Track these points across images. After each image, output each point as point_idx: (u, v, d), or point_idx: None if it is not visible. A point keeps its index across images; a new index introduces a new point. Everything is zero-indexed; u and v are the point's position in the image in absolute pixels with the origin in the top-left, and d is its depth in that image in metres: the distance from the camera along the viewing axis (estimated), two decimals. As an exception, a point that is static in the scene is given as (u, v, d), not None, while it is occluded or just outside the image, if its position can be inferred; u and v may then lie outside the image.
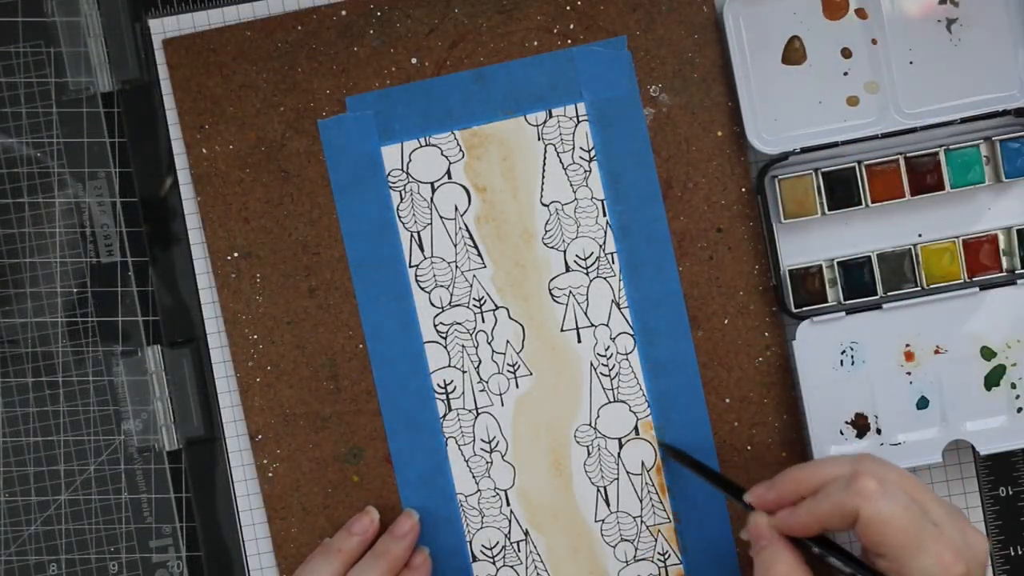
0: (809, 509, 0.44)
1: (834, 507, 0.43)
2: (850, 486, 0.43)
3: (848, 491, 0.43)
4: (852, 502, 0.42)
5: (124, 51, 0.55)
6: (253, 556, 0.55)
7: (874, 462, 0.44)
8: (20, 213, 0.55)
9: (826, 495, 0.44)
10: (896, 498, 0.42)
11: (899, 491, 0.43)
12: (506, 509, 0.55)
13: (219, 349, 0.55)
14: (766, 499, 0.46)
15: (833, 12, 0.54)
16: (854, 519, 0.42)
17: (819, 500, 0.44)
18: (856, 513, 0.42)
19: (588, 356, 0.55)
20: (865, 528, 0.42)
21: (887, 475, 0.43)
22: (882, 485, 0.42)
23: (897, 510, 0.42)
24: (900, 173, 0.53)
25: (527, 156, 0.54)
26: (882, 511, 0.42)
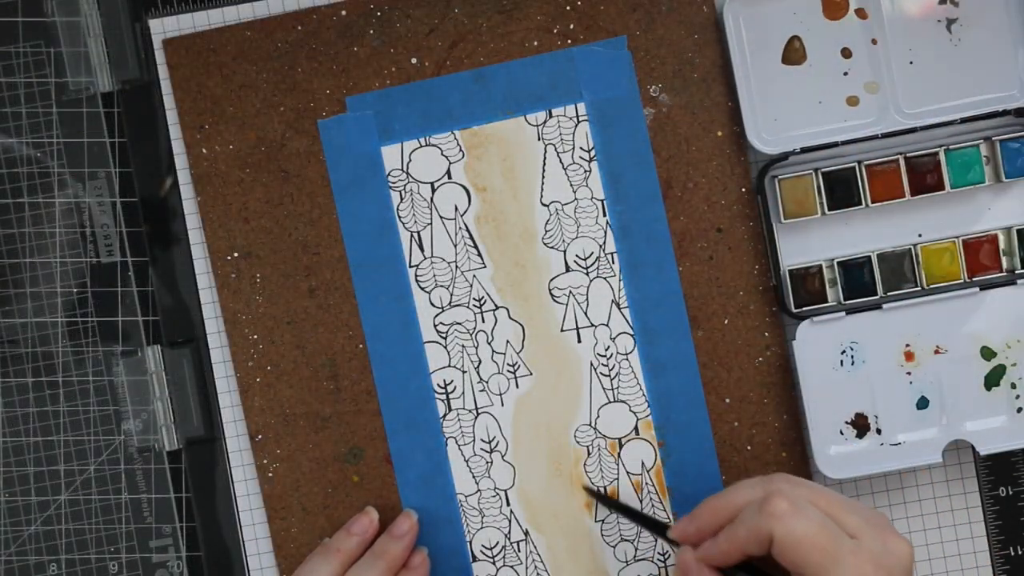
0: (727, 537, 0.44)
1: (749, 532, 0.43)
2: (762, 509, 0.42)
3: (761, 514, 0.42)
4: (766, 525, 0.42)
5: (124, 51, 0.55)
6: (253, 556, 0.55)
7: (785, 481, 0.44)
8: (20, 213, 0.55)
9: (741, 521, 0.43)
10: (809, 515, 0.42)
11: (811, 508, 0.42)
12: (506, 509, 0.55)
13: (219, 349, 0.55)
14: (687, 532, 0.46)
15: (833, 12, 0.54)
16: (770, 541, 0.42)
17: (735, 527, 0.44)
18: (771, 535, 0.42)
19: (588, 356, 0.55)
20: (781, 549, 0.42)
21: (798, 493, 0.43)
22: (793, 504, 0.42)
23: (811, 528, 0.42)
24: (900, 173, 0.53)
25: (527, 156, 0.54)
26: (795, 530, 0.42)
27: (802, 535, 0.41)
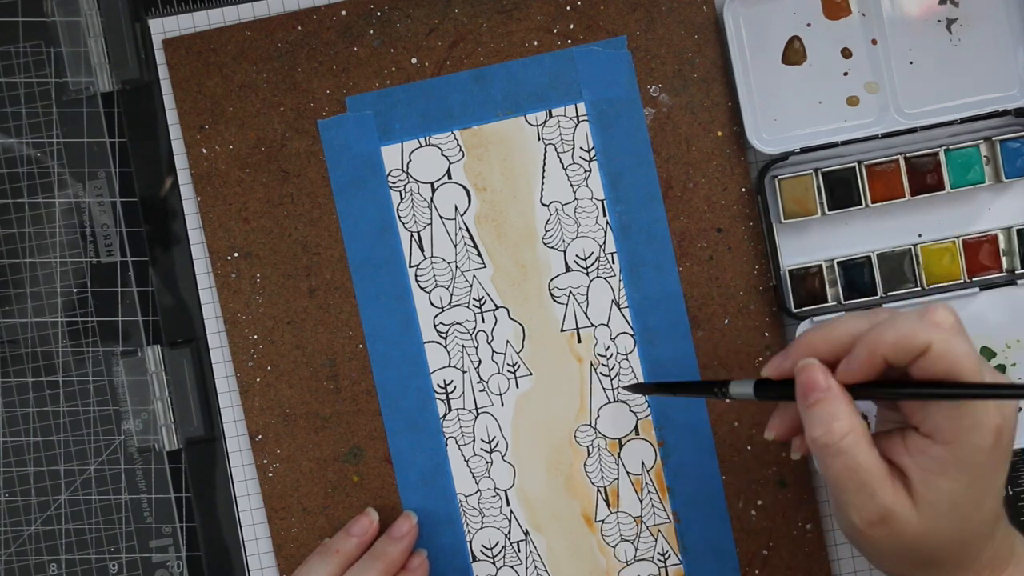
0: (867, 344, 0.40)
1: (902, 337, 0.39)
2: (924, 318, 0.40)
3: (923, 322, 0.40)
4: (926, 334, 0.39)
5: (124, 51, 0.55)
6: (253, 556, 0.55)
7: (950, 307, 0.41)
8: (20, 213, 0.55)
9: (891, 325, 0.40)
10: (967, 337, 0.40)
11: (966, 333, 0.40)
12: (506, 509, 0.55)
13: (219, 349, 0.55)
14: (783, 369, 0.43)
15: (833, 12, 0.54)
16: (920, 352, 0.39)
17: (882, 331, 0.40)
18: (927, 346, 0.39)
19: (588, 356, 0.55)
20: (936, 362, 0.39)
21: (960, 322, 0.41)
22: (959, 323, 0.40)
23: (969, 349, 0.39)
24: (900, 173, 0.53)
25: (527, 156, 0.54)
26: (957, 347, 0.39)
27: (963, 353, 0.39)
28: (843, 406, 0.41)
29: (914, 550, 0.42)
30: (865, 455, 0.41)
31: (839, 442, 0.41)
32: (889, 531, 0.41)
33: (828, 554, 0.54)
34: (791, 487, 0.54)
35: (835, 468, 0.41)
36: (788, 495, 0.54)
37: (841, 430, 0.41)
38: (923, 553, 0.42)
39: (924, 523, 0.41)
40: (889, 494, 0.41)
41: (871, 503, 0.41)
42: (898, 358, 0.40)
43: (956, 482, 0.40)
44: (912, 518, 0.41)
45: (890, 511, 0.41)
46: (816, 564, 0.54)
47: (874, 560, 0.44)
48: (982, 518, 0.42)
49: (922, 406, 0.41)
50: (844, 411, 0.41)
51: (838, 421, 0.41)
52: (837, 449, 0.41)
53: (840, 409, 0.41)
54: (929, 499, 0.41)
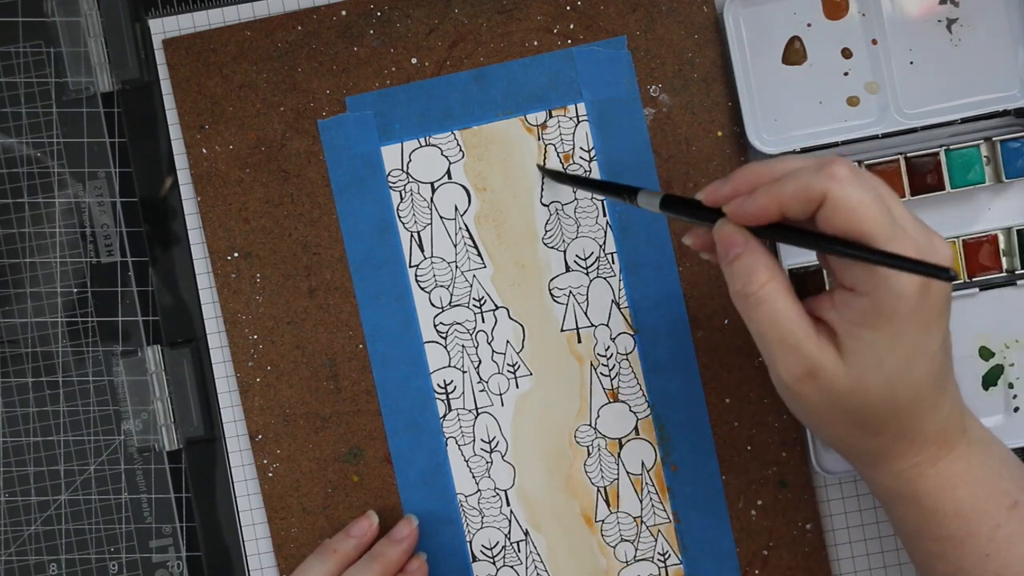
0: (769, 191, 0.41)
1: (799, 188, 0.40)
2: (821, 169, 0.40)
3: (818, 174, 0.40)
4: (821, 184, 0.39)
5: (124, 51, 0.55)
6: (253, 556, 0.55)
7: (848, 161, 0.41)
8: (20, 213, 0.55)
9: (792, 178, 0.40)
10: (867, 187, 0.40)
11: (870, 183, 0.40)
12: (506, 509, 0.55)
13: (219, 349, 0.55)
14: (720, 194, 0.43)
15: (833, 12, 0.54)
16: (818, 202, 0.40)
17: (782, 183, 0.40)
18: (823, 195, 0.39)
19: (588, 356, 0.55)
20: (832, 213, 0.39)
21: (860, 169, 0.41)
22: (854, 172, 0.40)
23: (867, 198, 0.39)
24: (900, 173, 0.53)
25: (527, 156, 0.54)
26: (852, 195, 0.39)
27: (858, 201, 0.39)
28: (762, 258, 0.41)
29: (845, 409, 0.42)
30: (786, 305, 0.41)
31: (759, 291, 0.41)
32: (816, 384, 0.41)
33: (828, 554, 0.54)
34: (791, 487, 0.54)
35: (757, 319, 0.42)
36: (788, 495, 0.54)
37: (760, 280, 0.41)
38: (855, 413, 0.42)
39: (851, 376, 0.41)
40: (813, 345, 0.41)
41: (795, 355, 0.41)
42: (796, 210, 0.40)
43: (880, 332, 0.40)
44: (838, 370, 0.41)
45: (815, 362, 0.41)
46: (816, 564, 0.54)
47: (810, 423, 0.44)
48: (915, 380, 0.41)
49: (841, 261, 0.41)
50: (763, 263, 0.41)
51: (757, 272, 0.41)
52: (758, 299, 0.41)
53: (759, 261, 0.41)
54: (854, 349, 0.41)
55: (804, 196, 0.40)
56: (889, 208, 0.40)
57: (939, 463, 0.44)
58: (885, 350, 0.40)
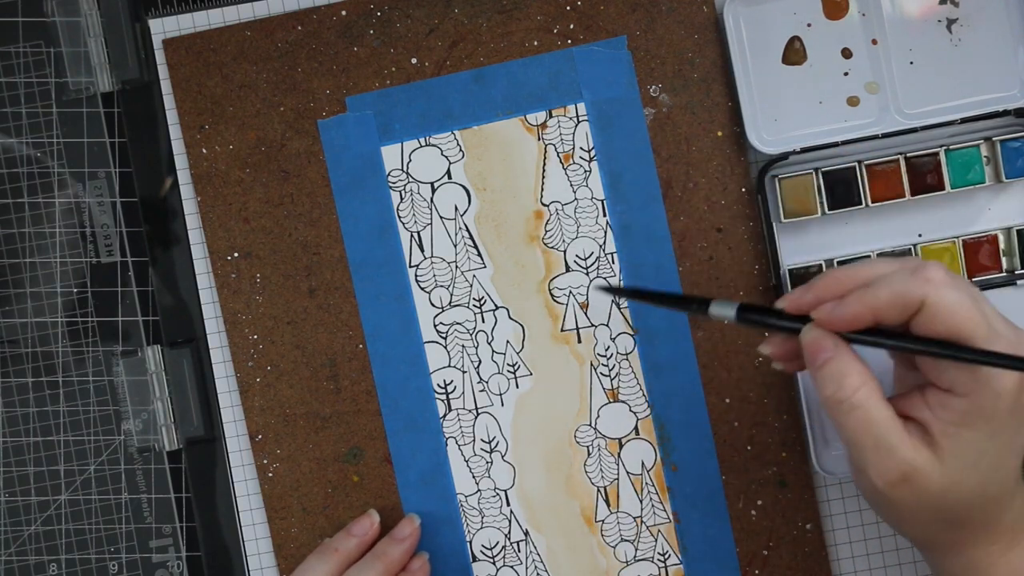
0: (862, 297, 0.40)
1: (895, 295, 0.40)
2: (916, 273, 0.40)
3: (914, 278, 0.39)
4: (919, 289, 0.39)
5: (124, 51, 0.55)
6: (253, 556, 0.55)
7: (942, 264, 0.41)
8: (20, 213, 0.55)
9: (885, 283, 0.40)
10: (964, 290, 0.40)
11: (966, 286, 0.40)
12: (506, 509, 0.55)
13: (219, 349, 0.55)
14: (803, 302, 0.42)
15: (833, 12, 0.54)
16: (915, 309, 0.39)
17: (876, 289, 0.40)
18: (920, 301, 0.39)
19: (588, 356, 0.55)
20: (931, 318, 0.39)
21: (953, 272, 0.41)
22: (950, 275, 0.40)
23: (966, 300, 0.39)
24: (900, 173, 0.53)
25: (527, 156, 0.54)
26: (950, 299, 0.39)
27: (957, 304, 0.39)
28: (854, 363, 0.41)
29: (938, 508, 0.41)
30: (880, 409, 0.41)
31: (852, 396, 0.41)
32: (912, 488, 0.41)
33: (828, 554, 0.54)
34: (791, 487, 0.54)
35: (851, 424, 0.41)
36: (788, 495, 0.54)
37: (853, 384, 0.41)
38: (947, 511, 0.42)
39: (947, 476, 0.41)
40: (909, 448, 0.41)
41: (890, 459, 0.41)
42: (892, 316, 0.40)
43: (979, 432, 0.40)
44: (935, 472, 0.41)
45: (911, 466, 0.41)
46: (816, 564, 0.54)
47: (898, 525, 0.44)
48: (1005, 474, 0.41)
49: (936, 362, 0.41)
50: (855, 368, 0.41)
51: (849, 377, 0.41)
52: (851, 404, 0.41)
53: (851, 366, 0.41)
54: (953, 451, 0.40)
55: (901, 303, 0.40)
56: (987, 314, 0.40)
57: (1011, 552, 0.44)
58: (982, 449, 0.40)
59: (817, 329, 0.42)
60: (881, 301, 0.40)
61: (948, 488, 0.41)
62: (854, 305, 0.41)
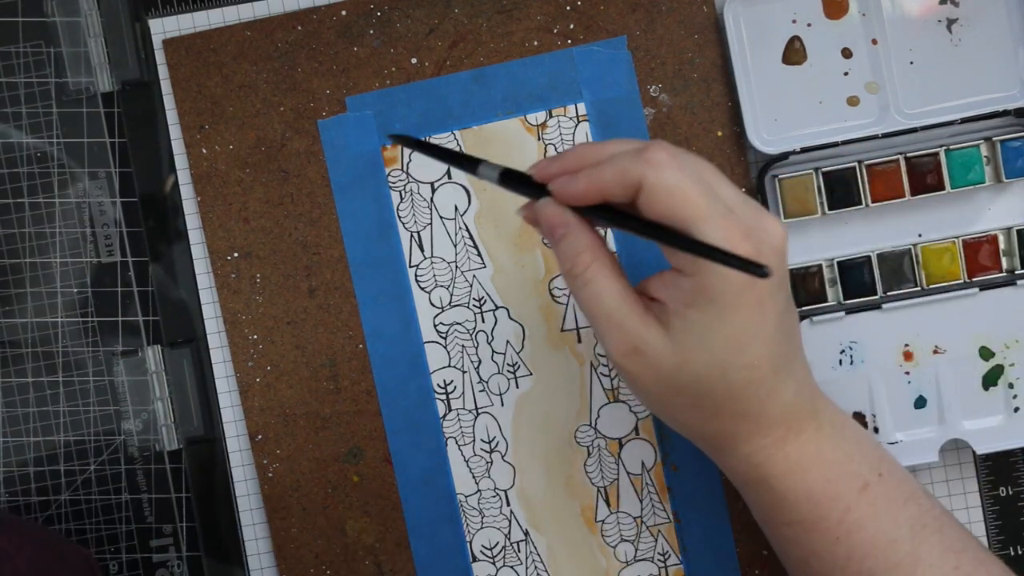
0: (589, 175, 0.41)
1: (617, 173, 0.40)
2: (639, 155, 0.40)
3: (636, 159, 0.40)
4: (637, 170, 0.40)
5: (124, 51, 0.55)
6: (253, 556, 0.55)
7: (668, 144, 0.41)
8: (20, 213, 0.55)
9: (611, 162, 0.41)
10: (686, 170, 0.40)
11: (691, 166, 0.40)
12: (506, 509, 0.55)
13: (219, 349, 0.55)
14: (548, 172, 0.43)
15: (833, 12, 0.54)
16: (636, 189, 0.40)
17: (602, 167, 0.41)
18: (640, 181, 0.40)
19: (588, 356, 0.55)
20: (649, 197, 0.40)
21: (681, 153, 0.41)
22: (673, 157, 0.40)
23: (685, 181, 0.39)
24: (900, 173, 0.53)
25: (527, 156, 0.54)
26: (667, 179, 0.39)
27: (674, 185, 0.39)
28: (585, 238, 0.42)
29: (675, 387, 0.42)
30: (609, 284, 0.42)
31: (584, 272, 0.42)
32: (643, 361, 0.42)
33: (828, 554, 0.54)
34: (791, 487, 0.54)
35: (584, 298, 0.43)
36: (788, 495, 0.54)
37: (584, 261, 0.42)
38: (686, 392, 0.42)
39: (677, 354, 0.41)
40: (637, 323, 0.42)
41: (620, 332, 0.42)
42: (617, 195, 0.41)
43: (706, 313, 0.40)
44: (665, 348, 0.41)
45: (641, 338, 0.42)
46: None
47: (646, 402, 0.45)
48: (748, 361, 0.41)
49: None
50: (587, 243, 0.42)
51: (582, 254, 0.42)
52: (583, 279, 0.42)
53: (583, 242, 0.42)
54: (680, 328, 0.41)
55: (621, 181, 0.40)
56: (714, 190, 0.40)
57: (787, 446, 0.44)
58: (712, 331, 0.41)
59: (552, 204, 0.43)
60: (606, 180, 0.41)
61: (680, 366, 0.41)
62: (583, 181, 0.41)
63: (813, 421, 0.44)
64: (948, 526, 0.45)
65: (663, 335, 0.42)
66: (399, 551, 0.55)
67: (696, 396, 0.42)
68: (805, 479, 0.44)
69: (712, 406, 0.43)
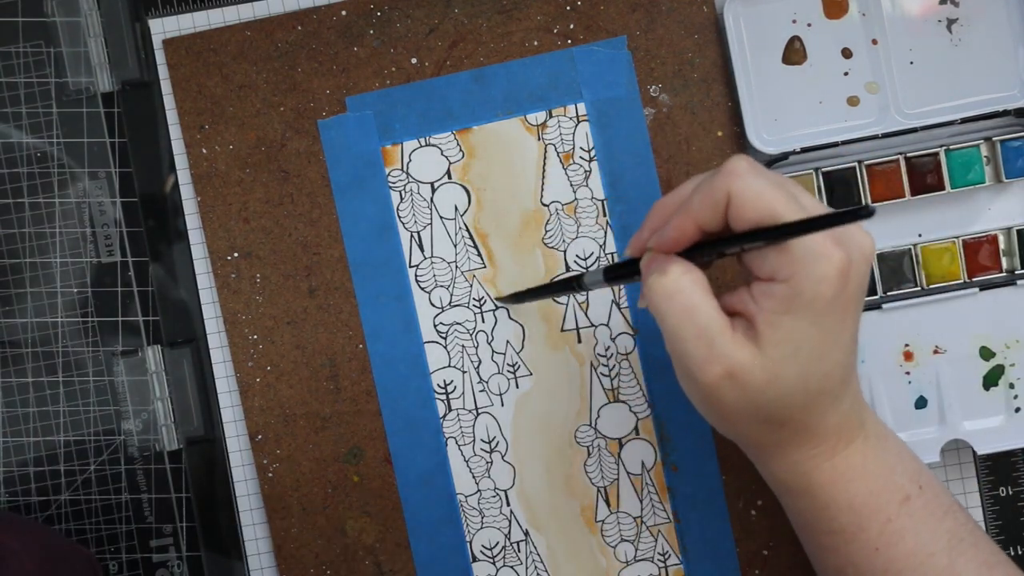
0: (681, 211, 0.41)
1: (704, 197, 0.40)
2: (720, 170, 0.40)
3: (717, 176, 0.40)
4: (723, 184, 0.40)
5: (124, 51, 0.55)
6: (253, 556, 0.55)
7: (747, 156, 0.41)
8: (21, 213, 0.55)
9: (696, 192, 0.41)
10: (769, 177, 0.40)
11: (772, 176, 0.40)
12: (506, 509, 0.55)
13: (219, 349, 0.55)
14: (641, 241, 0.44)
15: (833, 12, 0.54)
16: (725, 203, 0.40)
17: (690, 199, 0.41)
18: (727, 194, 0.39)
19: (588, 356, 0.55)
20: (739, 207, 0.39)
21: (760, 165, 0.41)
22: (753, 165, 0.40)
23: (768, 185, 0.39)
24: (900, 173, 0.53)
25: (527, 156, 0.54)
26: (753, 184, 0.39)
27: (761, 188, 0.39)
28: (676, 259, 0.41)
29: (759, 405, 0.41)
30: (702, 297, 0.40)
31: (676, 280, 0.41)
32: (734, 383, 0.41)
33: (828, 554, 0.54)
34: (791, 487, 0.54)
35: (673, 311, 0.41)
36: (788, 495, 0.54)
37: (675, 272, 0.40)
38: (769, 407, 0.41)
39: (768, 369, 0.40)
40: (729, 341, 0.40)
41: (710, 350, 0.40)
42: (709, 218, 0.40)
43: (800, 318, 0.40)
44: (755, 365, 0.40)
45: (733, 359, 0.40)
46: None
47: (720, 423, 0.44)
48: (827, 370, 0.41)
49: (756, 255, 0.40)
50: (676, 260, 0.41)
51: (672, 265, 0.41)
52: (675, 288, 0.40)
53: (674, 260, 0.41)
54: (772, 339, 0.40)
55: (711, 202, 0.40)
56: (794, 195, 0.40)
57: (836, 457, 0.44)
58: (803, 337, 0.40)
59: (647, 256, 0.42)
60: (696, 208, 0.40)
61: (770, 381, 0.40)
62: (675, 221, 0.41)
63: (861, 432, 0.44)
64: (982, 540, 0.45)
65: (754, 351, 0.40)
66: (399, 551, 0.55)
67: (773, 409, 0.42)
68: (848, 489, 0.44)
69: (782, 418, 0.42)
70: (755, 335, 0.40)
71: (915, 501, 0.44)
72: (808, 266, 0.39)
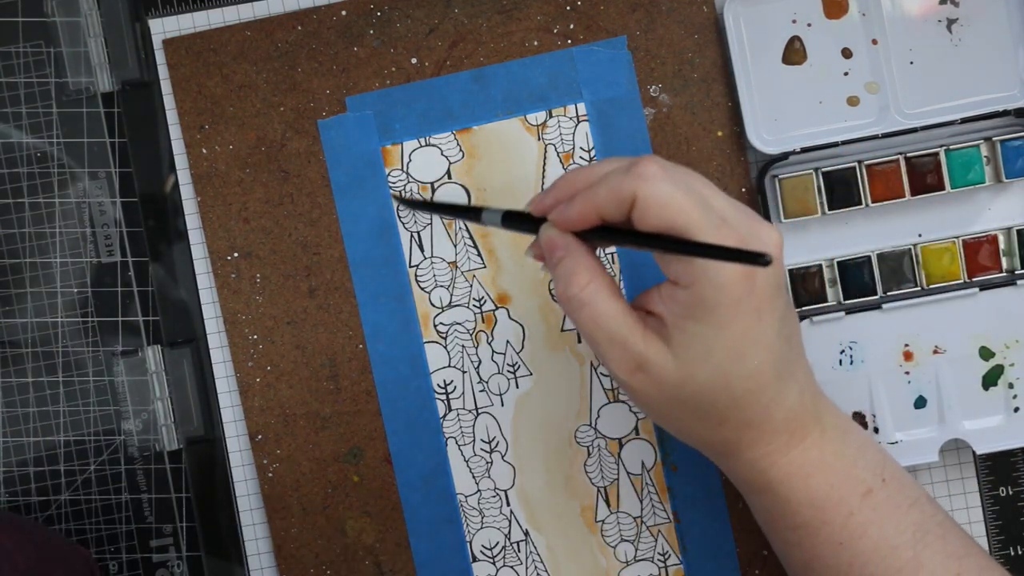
0: (584, 197, 0.42)
1: (611, 192, 0.41)
2: (630, 170, 0.40)
3: (627, 175, 0.40)
4: (630, 185, 0.40)
5: (124, 51, 0.55)
6: (253, 556, 0.55)
7: (658, 158, 0.41)
8: (20, 213, 0.55)
9: (604, 181, 0.41)
10: (678, 182, 0.40)
11: (682, 178, 0.41)
12: (506, 509, 0.55)
13: (219, 349, 0.55)
14: (544, 205, 0.44)
15: (833, 12, 0.54)
16: (630, 203, 0.40)
17: (596, 187, 0.41)
18: (633, 195, 0.40)
19: (588, 356, 0.55)
20: (643, 211, 0.40)
21: (672, 165, 0.41)
22: (664, 170, 0.40)
23: (677, 192, 0.40)
24: (900, 173, 0.53)
25: (527, 156, 0.54)
26: (660, 191, 0.40)
27: (667, 195, 0.39)
28: (582, 260, 0.42)
29: (680, 400, 0.42)
30: (608, 304, 0.42)
31: (580, 293, 0.42)
32: (648, 377, 0.42)
33: (828, 554, 0.54)
34: (791, 487, 0.54)
35: (583, 320, 0.43)
36: (788, 495, 0.54)
37: (581, 282, 0.42)
38: (691, 404, 0.42)
39: (680, 369, 0.41)
40: (639, 340, 0.42)
41: (623, 351, 0.42)
42: (613, 213, 0.41)
43: (704, 324, 0.40)
44: (668, 363, 0.41)
45: (643, 356, 0.42)
46: None
47: (653, 416, 0.45)
48: (750, 370, 0.41)
49: (662, 256, 0.42)
50: (583, 264, 0.42)
51: (578, 275, 0.42)
52: (580, 301, 0.42)
53: (579, 263, 0.42)
54: (681, 342, 0.41)
55: (615, 198, 0.41)
56: (706, 200, 0.41)
57: (791, 452, 0.44)
58: (712, 341, 0.41)
59: (552, 229, 0.43)
60: (601, 199, 0.41)
61: (684, 380, 0.41)
62: (579, 204, 0.42)
63: (816, 426, 0.44)
64: (951, 532, 0.45)
65: (665, 350, 0.42)
66: (399, 551, 0.55)
67: (700, 407, 0.42)
68: (808, 484, 0.44)
69: (717, 416, 0.43)
70: (667, 335, 0.42)
71: (878, 494, 0.44)
72: (708, 272, 0.40)
